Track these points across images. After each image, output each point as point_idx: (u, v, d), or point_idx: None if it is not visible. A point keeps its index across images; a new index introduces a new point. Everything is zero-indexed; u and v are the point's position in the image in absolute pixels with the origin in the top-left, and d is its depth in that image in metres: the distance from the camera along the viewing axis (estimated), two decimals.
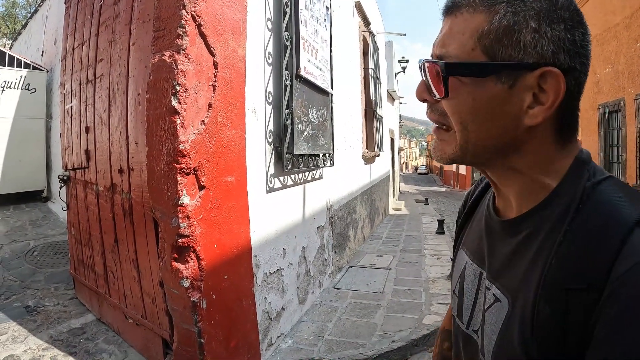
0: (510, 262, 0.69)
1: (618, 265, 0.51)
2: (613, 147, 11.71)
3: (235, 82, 2.95)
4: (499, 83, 0.62)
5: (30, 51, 9.10)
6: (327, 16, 4.92)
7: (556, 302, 0.57)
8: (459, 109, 0.66)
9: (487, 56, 0.62)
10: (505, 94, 0.62)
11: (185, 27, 2.42)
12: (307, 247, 4.55)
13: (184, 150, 2.37)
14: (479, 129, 0.65)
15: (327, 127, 4.88)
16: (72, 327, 3.64)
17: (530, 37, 0.60)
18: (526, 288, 0.62)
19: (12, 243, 5.46)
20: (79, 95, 3.76)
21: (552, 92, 0.60)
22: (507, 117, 0.64)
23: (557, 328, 0.56)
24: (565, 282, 0.56)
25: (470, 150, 0.68)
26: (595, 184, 0.61)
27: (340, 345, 3.70)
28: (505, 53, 0.61)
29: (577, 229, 0.58)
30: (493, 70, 0.62)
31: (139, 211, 2.92)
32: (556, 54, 0.60)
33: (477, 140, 0.67)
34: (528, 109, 0.62)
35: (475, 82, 0.63)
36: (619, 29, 10.53)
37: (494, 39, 0.61)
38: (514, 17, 0.60)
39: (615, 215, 0.56)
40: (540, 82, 0.61)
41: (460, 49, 0.64)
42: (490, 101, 0.63)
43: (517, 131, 0.64)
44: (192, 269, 2.47)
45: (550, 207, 0.65)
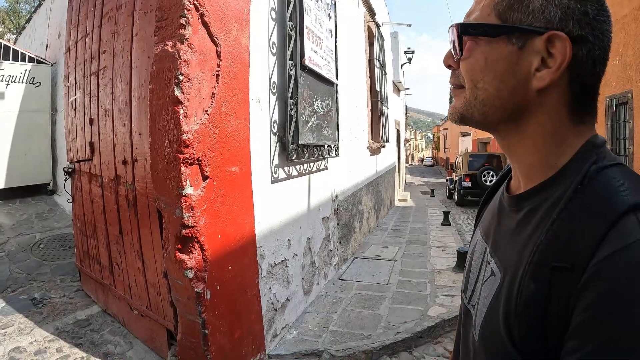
0: (510, 238, 0.71)
1: (601, 249, 0.52)
2: (620, 139, 11.62)
3: (239, 72, 2.93)
4: (509, 44, 0.65)
5: (34, 45, 9.11)
6: (331, 6, 4.88)
7: (541, 280, 0.57)
8: (472, 67, 0.70)
9: (500, 20, 0.67)
10: (515, 56, 0.65)
11: (188, 17, 2.40)
12: (312, 238, 4.54)
13: (187, 140, 2.35)
14: (488, 87, 0.68)
15: (332, 118, 4.85)
16: (78, 318, 3.66)
17: (538, 3, 0.63)
18: (518, 263, 0.63)
19: (19, 236, 5.48)
20: (83, 88, 3.76)
21: (559, 55, 0.61)
22: (516, 77, 0.66)
23: (540, 307, 0.57)
24: (552, 260, 0.57)
25: (477, 107, 0.71)
26: (601, 168, 0.61)
27: (345, 337, 3.69)
28: (515, 17, 0.65)
29: (572, 209, 0.59)
30: (503, 31, 0.66)
31: (143, 202, 2.92)
32: (564, 21, 0.62)
33: (485, 98, 0.69)
34: (536, 72, 0.64)
35: (488, 43, 0.67)
36: (627, 20, 10.41)
37: (506, 5, 0.66)
38: None
39: (611, 199, 0.56)
40: (549, 46, 0.62)
41: (479, 15, 0.70)
42: (500, 61, 0.66)
43: (526, 94, 0.66)
44: (196, 260, 2.46)
45: (554, 186, 0.65)
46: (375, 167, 8.92)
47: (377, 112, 8.96)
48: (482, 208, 0.97)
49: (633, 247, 0.49)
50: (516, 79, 0.66)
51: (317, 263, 4.68)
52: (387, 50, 11.97)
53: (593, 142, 0.66)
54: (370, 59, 8.47)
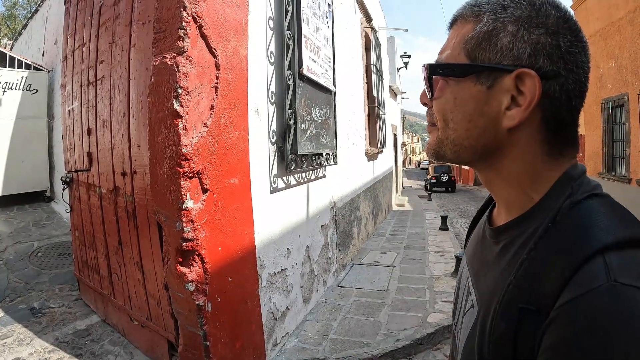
0: (488, 271, 0.71)
1: (565, 293, 0.51)
2: (616, 142, 11.65)
3: (238, 83, 2.93)
4: (478, 83, 0.64)
5: (31, 51, 9.09)
6: (329, 13, 4.89)
7: (510, 319, 0.57)
8: (443, 107, 0.70)
9: (469, 59, 0.66)
10: (484, 95, 0.64)
11: (186, 29, 2.40)
12: (311, 246, 4.54)
13: (186, 153, 2.35)
14: (458, 127, 0.68)
15: (330, 126, 4.86)
16: (78, 328, 3.65)
17: (506, 41, 0.62)
18: (491, 300, 0.63)
19: (16, 244, 5.46)
20: (80, 97, 3.75)
21: (528, 93, 0.60)
22: (486, 117, 0.65)
23: (509, 346, 0.57)
24: (520, 301, 0.57)
25: (449, 147, 0.71)
26: (575, 203, 0.60)
27: (345, 344, 3.69)
28: (484, 56, 0.64)
29: (541, 249, 0.58)
30: (471, 71, 0.65)
31: (143, 214, 2.91)
32: (533, 57, 0.61)
33: (455, 138, 0.69)
34: (506, 111, 0.63)
35: (457, 83, 0.67)
36: (622, 23, 10.46)
37: (475, 44, 0.65)
38: (494, 23, 0.63)
39: (580, 240, 0.55)
40: (518, 84, 0.61)
41: (450, 54, 0.69)
42: (469, 100, 0.66)
43: (497, 133, 0.65)
44: (197, 273, 2.46)
45: (528, 221, 0.65)
46: (372, 172, 8.93)
47: (374, 117, 8.97)
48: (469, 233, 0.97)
49: (594, 292, 0.48)
50: (486, 118, 0.65)
51: (316, 271, 4.67)
52: (384, 55, 11.99)
53: (570, 175, 0.64)
54: (367, 65, 8.48)
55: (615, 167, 11.78)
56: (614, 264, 0.50)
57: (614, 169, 11.80)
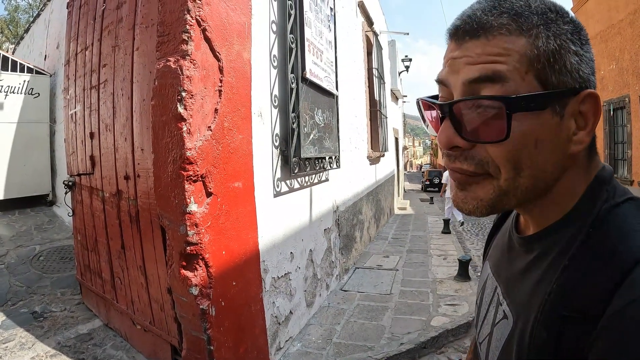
0: (520, 281, 0.68)
1: (617, 299, 0.49)
2: (618, 144, 11.66)
3: (241, 86, 2.93)
4: (555, 115, 0.57)
5: (33, 55, 9.10)
6: (331, 17, 4.89)
7: (552, 328, 0.55)
8: (518, 153, 0.58)
9: (540, 83, 0.56)
10: (558, 125, 0.57)
11: (190, 32, 2.39)
12: (314, 250, 4.53)
13: (190, 157, 2.34)
14: (535, 172, 0.59)
15: (332, 129, 4.85)
16: (80, 332, 3.63)
17: (574, 60, 0.57)
18: (529, 309, 0.61)
19: (18, 248, 5.45)
20: (83, 101, 3.75)
21: (591, 114, 0.57)
22: (559, 150, 0.59)
23: (551, 355, 0.55)
24: (563, 309, 0.54)
25: (517, 196, 0.61)
26: (612, 207, 0.58)
27: (349, 349, 3.68)
28: (556, 79, 0.56)
29: (583, 255, 0.56)
30: (551, 100, 0.56)
31: (146, 218, 2.90)
32: (590, 75, 0.58)
33: (530, 186, 0.60)
34: (573, 136, 0.59)
35: (534, 117, 0.56)
36: (622, 25, 10.48)
37: (546, 64, 0.56)
38: (557, 41, 0.56)
39: (624, 244, 0.52)
40: (580, 105, 0.58)
41: (513, 71, 0.56)
42: (548, 137, 0.57)
43: (565, 163, 0.61)
44: (201, 277, 2.45)
45: (565, 228, 0.62)
46: (374, 176, 8.93)
47: (376, 121, 8.98)
48: (490, 241, 0.95)
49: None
50: (558, 152, 0.59)
51: (319, 274, 4.66)
52: (385, 58, 12.00)
53: (602, 177, 0.62)
54: (369, 69, 8.49)
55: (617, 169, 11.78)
56: None
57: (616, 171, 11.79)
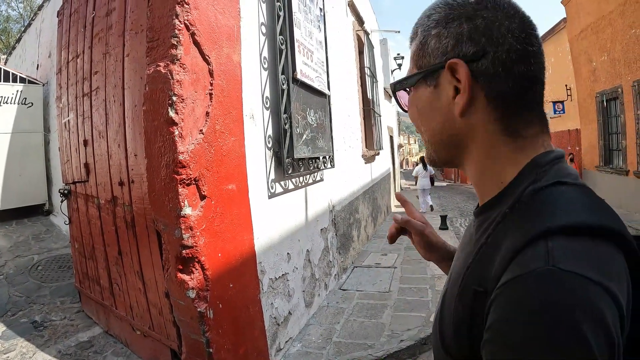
0: (459, 256, 0.77)
1: (505, 275, 0.53)
2: (612, 134, 11.70)
3: (232, 89, 2.94)
4: (427, 86, 0.73)
5: (25, 65, 9.09)
6: (320, 17, 4.90)
7: (466, 302, 0.61)
8: (412, 115, 0.80)
9: (417, 69, 0.75)
10: (434, 94, 0.72)
11: (179, 37, 2.40)
12: (312, 250, 4.54)
13: (183, 161, 2.35)
14: (427, 128, 0.77)
15: (325, 129, 4.86)
16: (80, 340, 3.64)
17: (433, 43, 0.71)
18: (456, 283, 0.67)
19: (16, 258, 5.44)
20: (76, 109, 3.75)
21: (462, 78, 0.66)
22: (441, 111, 0.72)
23: (466, 328, 0.60)
24: (474, 283, 0.60)
25: (429, 148, 0.79)
26: (536, 190, 0.60)
27: (349, 347, 3.69)
28: (424, 62, 0.73)
29: (497, 235, 0.61)
30: (418, 77, 0.74)
31: (142, 223, 2.91)
32: (457, 46, 0.67)
33: (429, 137, 0.77)
34: (453, 100, 0.69)
35: (414, 91, 0.77)
36: (613, 16, 10.51)
37: (417, 56, 0.75)
38: (423, 34, 0.73)
39: (530, 224, 0.56)
40: (455, 75, 0.67)
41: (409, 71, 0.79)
42: (425, 103, 0.74)
43: (454, 123, 0.70)
44: (198, 280, 2.46)
45: (495, 208, 0.67)
46: (370, 174, 8.94)
47: (370, 120, 8.98)
48: None
49: (530, 274, 0.49)
50: (442, 113, 0.72)
51: (317, 274, 4.67)
52: (377, 57, 12.01)
53: (537, 161, 0.65)
54: (361, 68, 8.50)
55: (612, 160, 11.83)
56: (557, 249, 0.50)
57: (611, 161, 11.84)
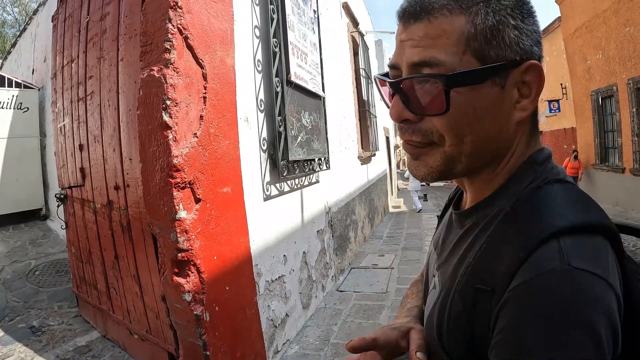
0: (451, 254, 0.73)
1: (518, 276, 0.52)
2: (608, 132, 11.74)
3: (226, 92, 2.94)
4: (494, 86, 0.60)
5: (21, 70, 9.08)
6: (314, 19, 4.91)
7: (467, 300, 0.60)
8: (459, 122, 0.62)
9: (478, 59, 0.59)
10: (499, 95, 0.61)
11: (172, 41, 2.41)
12: (308, 252, 4.55)
13: (177, 164, 2.36)
14: (477, 139, 0.62)
15: (320, 131, 4.87)
16: (78, 345, 3.64)
17: (513, 35, 0.60)
18: (452, 281, 0.65)
19: (13, 264, 5.44)
20: (71, 113, 3.76)
21: (534, 83, 0.61)
22: (502, 117, 0.63)
23: (466, 325, 0.60)
24: (477, 282, 0.59)
25: (463, 162, 0.65)
26: (535, 189, 0.61)
27: None
28: (494, 53, 0.59)
29: (500, 233, 0.60)
30: (489, 74, 0.59)
31: (137, 227, 2.92)
32: (533, 47, 0.61)
33: (473, 151, 0.63)
34: (516, 104, 0.63)
35: (473, 90, 0.60)
36: (607, 14, 10.56)
37: (483, 41, 0.59)
38: (495, 17, 0.59)
39: (535, 225, 0.56)
40: (523, 75, 0.61)
41: (450, 54, 0.60)
42: (488, 105, 0.61)
43: (509, 131, 0.64)
44: (194, 283, 2.46)
45: (491, 206, 0.66)
46: (366, 176, 8.95)
47: (366, 121, 9.01)
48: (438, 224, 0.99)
49: (548, 275, 0.49)
50: (500, 118, 0.62)
51: (314, 276, 4.68)
52: (372, 58, 12.04)
53: (533, 159, 0.65)
54: (356, 69, 8.52)
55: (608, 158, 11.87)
56: (568, 248, 0.51)
57: (607, 159, 11.88)
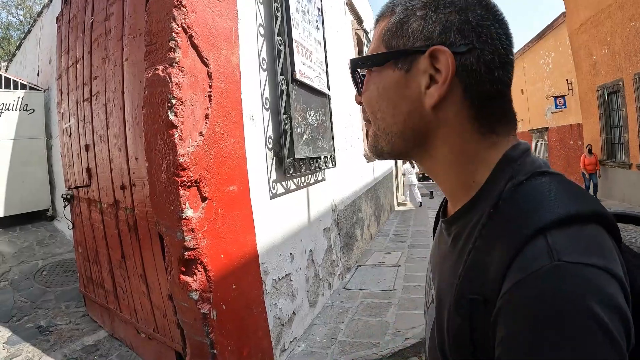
0: (443, 264, 0.70)
1: (507, 279, 0.49)
2: (614, 128, 11.67)
3: (231, 90, 2.94)
4: (396, 69, 0.66)
5: (26, 72, 9.14)
6: (319, 17, 4.90)
7: (464, 313, 0.56)
8: (369, 99, 0.72)
9: (386, 48, 0.68)
10: (403, 79, 0.66)
11: (177, 40, 2.41)
12: (315, 250, 4.55)
13: (183, 163, 2.36)
14: (385, 115, 0.69)
15: (326, 129, 4.87)
16: (86, 344, 3.65)
17: (416, 25, 0.64)
18: (447, 294, 0.63)
19: (21, 264, 5.47)
20: (77, 114, 3.77)
21: (443, 68, 0.61)
22: (408, 100, 0.66)
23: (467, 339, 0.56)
24: (469, 292, 0.56)
25: (382, 138, 0.71)
26: (515, 186, 0.58)
27: (354, 346, 3.69)
28: (398, 43, 0.66)
29: (484, 237, 0.57)
30: (388, 58, 0.67)
31: (144, 226, 2.92)
32: (443, 34, 0.62)
33: (385, 127, 0.70)
34: (426, 90, 0.64)
35: (379, 73, 0.69)
36: (612, 9, 10.48)
37: (390, 34, 0.67)
38: (404, 12, 0.66)
39: (520, 222, 0.53)
40: (434, 63, 0.62)
41: (372, 49, 0.72)
42: (391, 87, 0.67)
43: (423, 115, 0.66)
44: (200, 281, 2.46)
45: (474, 209, 0.64)
46: (372, 173, 8.95)
47: None
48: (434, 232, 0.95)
49: (537, 274, 0.47)
50: (408, 101, 0.66)
51: (321, 274, 4.68)
52: None
53: (510, 156, 0.63)
54: None
55: (615, 154, 11.79)
56: (557, 243, 0.48)
57: (614, 155, 11.81)
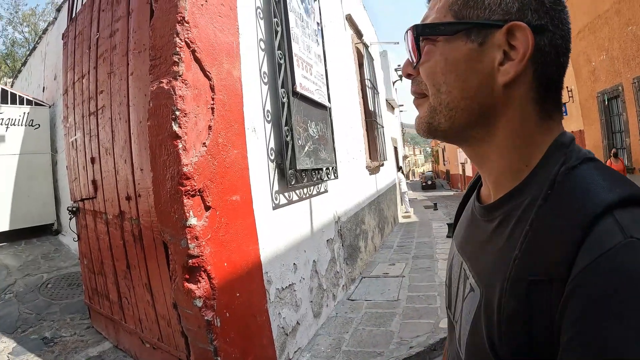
0: (484, 251, 0.68)
1: (580, 259, 0.47)
2: (616, 133, 11.65)
3: (233, 103, 3.01)
4: (468, 41, 0.63)
5: (31, 88, 9.26)
6: (318, 32, 4.99)
7: (520, 295, 0.54)
8: (433, 71, 0.67)
9: (455, 18, 0.65)
10: (476, 53, 0.63)
11: (180, 54, 2.48)
12: (318, 261, 4.57)
13: (187, 172, 2.42)
14: (452, 89, 0.65)
15: (328, 141, 4.92)
16: (90, 355, 3.67)
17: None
18: (495, 279, 0.60)
19: (26, 277, 5.51)
20: (83, 128, 3.84)
21: (521, 46, 0.59)
22: (480, 75, 0.63)
23: (523, 324, 0.53)
24: (529, 274, 0.53)
25: (444, 113, 0.67)
26: (570, 169, 0.57)
27: (358, 356, 3.70)
28: (472, 14, 0.63)
29: (543, 218, 0.55)
30: (461, 28, 0.63)
31: (149, 236, 2.97)
32: (522, 11, 0.60)
33: (450, 101, 0.66)
34: (500, 66, 0.62)
35: (447, 43, 0.65)
36: (609, 15, 10.56)
37: (462, 4, 0.64)
38: None
39: (583, 202, 0.52)
40: (509, 39, 0.60)
41: (435, 17, 0.67)
42: (461, 60, 0.64)
43: (492, 91, 0.63)
44: (204, 289, 2.50)
45: (524, 193, 0.62)
46: (375, 185, 8.98)
47: (373, 131, 9.04)
48: (456, 220, 0.93)
49: (612, 253, 0.45)
50: (480, 76, 0.63)
51: (324, 285, 4.70)
52: (378, 69, 12.12)
53: (561, 141, 0.62)
54: (362, 80, 8.58)
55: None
56: (625, 221, 0.48)
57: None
